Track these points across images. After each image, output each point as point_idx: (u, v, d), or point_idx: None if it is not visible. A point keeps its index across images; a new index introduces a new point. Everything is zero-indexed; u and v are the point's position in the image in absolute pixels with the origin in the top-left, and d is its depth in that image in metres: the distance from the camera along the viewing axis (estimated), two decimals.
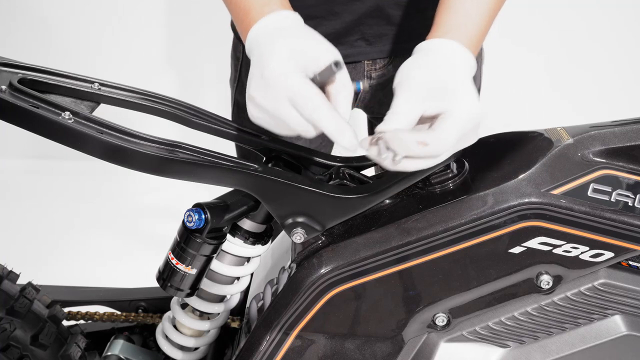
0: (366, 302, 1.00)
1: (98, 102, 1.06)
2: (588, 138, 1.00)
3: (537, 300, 1.01)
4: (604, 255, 0.98)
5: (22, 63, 1.04)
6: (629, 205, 0.97)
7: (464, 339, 1.03)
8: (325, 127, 0.87)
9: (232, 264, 1.10)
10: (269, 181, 0.98)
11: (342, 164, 1.11)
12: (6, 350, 1.17)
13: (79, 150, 0.95)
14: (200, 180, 0.97)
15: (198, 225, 1.00)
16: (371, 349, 1.03)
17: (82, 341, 1.28)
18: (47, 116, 0.93)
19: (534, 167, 0.99)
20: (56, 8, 3.35)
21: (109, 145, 0.93)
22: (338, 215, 1.01)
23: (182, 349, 1.18)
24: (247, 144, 1.12)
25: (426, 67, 0.94)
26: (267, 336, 1.02)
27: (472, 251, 0.97)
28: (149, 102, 1.10)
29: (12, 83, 0.97)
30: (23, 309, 1.19)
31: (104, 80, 1.08)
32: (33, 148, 3.51)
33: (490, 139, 1.15)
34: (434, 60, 0.95)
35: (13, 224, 2.94)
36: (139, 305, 1.42)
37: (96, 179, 3.29)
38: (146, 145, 0.95)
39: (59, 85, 1.03)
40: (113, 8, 3.37)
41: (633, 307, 1.01)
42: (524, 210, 0.96)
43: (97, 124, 0.95)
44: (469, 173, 1.04)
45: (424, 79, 0.91)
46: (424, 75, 0.92)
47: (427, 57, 0.96)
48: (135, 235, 2.89)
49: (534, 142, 1.06)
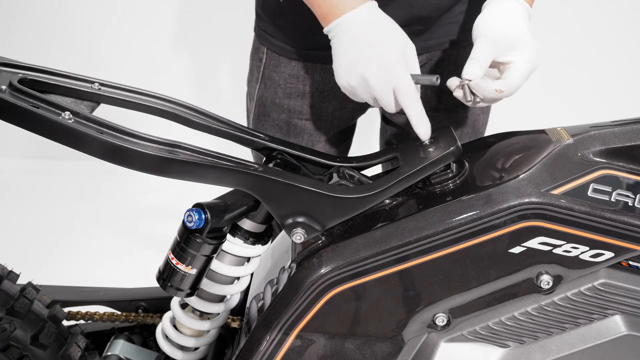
0: (366, 302, 1.00)
1: (98, 102, 1.06)
2: (588, 138, 1.00)
3: (537, 300, 1.01)
4: (604, 255, 0.98)
5: (22, 63, 1.04)
6: (629, 205, 0.97)
7: (464, 339, 1.03)
8: (412, 117, 1.06)
9: (232, 264, 1.10)
10: (269, 181, 0.98)
11: (342, 164, 1.11)
12: (6, 350, 1.17)
13: (79, 150, 0.95)
14: (200, 180, 0.97)
15: (198, 225, 1.00)
16: (371, 349, 1.03)
17: (82, 341, 1.28)
18: (47, 116, 0.93)
19: (534, 167, 0.98)
20: (56, 7, 3.35)
21: (109, 145, 0.94)
22: (338, 215, 1.01)
23: (182, 349, 1.18)
24: (247, 144, 1.12)
25: (501, 19, 1.11)
26: (267, 336, 1.02)
27: (472, 251, 0.97)
28: (149, 102, 1.10)
29: (12, 83, 0.97)
30: (23, 309, 1.19)
31: (104, 80, 1.08)
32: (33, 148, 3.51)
33: (490, 139, 1.15)
34: (506, 13, 1.12)
35: (13, 224, 2.93)
36: (139, 305, 1.42)
37: (96, 179, 3.28)
38: (146, 145, 0.95)
39: (59, 85, 1.03)
40: (113, 8, 3.37)
41: (633, 307, 1.01)
42: (524, 210, 0.96)
43: (97, 124, 0.95)
44: (469, 173, 1.04)
45: (500, 31, 1.09)
46: (499, 26, 1.10)
47: (500, 9, 1.12)
48: (135, 235, 2.89)
49: (534, 142, 1.06)
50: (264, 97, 1.44)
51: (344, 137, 1.53)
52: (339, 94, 1.38)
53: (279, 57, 1.40)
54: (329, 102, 1.40)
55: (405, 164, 1.04)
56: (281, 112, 1.42)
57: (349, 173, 1.08)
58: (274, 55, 1.40)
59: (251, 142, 1.12)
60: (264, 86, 1.43)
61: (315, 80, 1.38)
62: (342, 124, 1.46)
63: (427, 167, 1.01)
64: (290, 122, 1.43)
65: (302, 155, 1.12)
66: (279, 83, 1.41)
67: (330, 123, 1.44)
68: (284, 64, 1.40)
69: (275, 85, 1.41)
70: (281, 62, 1.40)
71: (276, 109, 1.43)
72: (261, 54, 1.44)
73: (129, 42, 3.43)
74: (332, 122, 1.44)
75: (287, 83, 1.40)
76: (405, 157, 1.06)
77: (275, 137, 1.13)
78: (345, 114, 1.43)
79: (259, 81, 1.45)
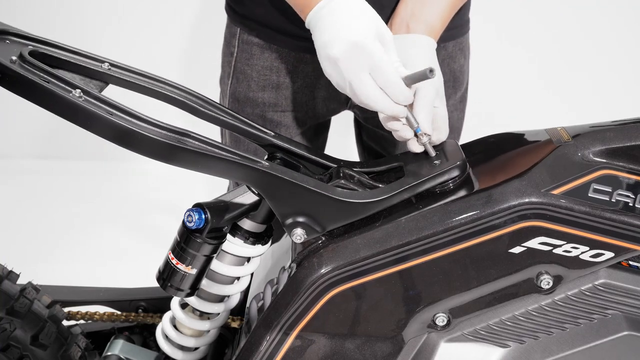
0: (366, 302, 1.00)
1: (107, 82, 1.04)
2: (588, 138, 1.00)
3: (538, 300, 1.01)
4: (604, 255, 0.98)
5: (33, 35, 1.03)
6: (629, 205, 0.97)
7: (464, 339, 1.03)
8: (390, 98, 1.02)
9: (232, 264, 1.10)
10: (275, 178, 0.98)
11: (342, 165, 1.11)
12: (6, 350, 1.17)
13: (87, 130, 0.93)
14: (206, 171, 0.97)
15: (198, 225, 1.00)
16: (371, 349, 1.03)
17: (82, 341, 1.28)
18: (58, 92, 0.92)
19: (534, 167, 0.98)
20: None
21: (119, 127, 0.92)
22: (339, 218, 1.01)
23: (182, 349, 1.18)
24: (253, 139, 1.12)
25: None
26: (267, 336, 1.02)
27: (472, 251, 0.97)
28: (158, 87, 1.08)
29: (22, 54, 0.95)
30: (23, 309, 1.19)
31: (115, 61, 1.07)
32: (33, 148, 3.51)
33: (490, 139, 1.15)
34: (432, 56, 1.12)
35: (13, 224, 2.93)
36: (139, 305, 1.42)
37: (96, 179, 3.29)
38: (156, 131, 0.94)
39: (69, 62, 1.02)
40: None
41: (633, 307, 1.01)
42: (524, 210, 0.96)
43: (107, 104, 0.94)
44: (469, 173, 1.04)
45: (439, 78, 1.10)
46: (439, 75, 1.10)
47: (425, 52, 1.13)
48: (135, 235, 2.89)
49: (534, 142, 1.06)
50: (237, 92, 1.43)
51: (319, 132, 1.53)
52: (312, 84, 1.38)
53: (251, 49, 1.39)
54: (302, 92, 1.41)
55: (409, 173, 1.04)
56: (255, 106, 1.42)
57: (349, 173, 1.08)
58: (246, 47, 1.40)
59: (257, 137, 1.11)
60: (236, 81, 1.43)
61: (289, 70, 1.38)
62: (318, 115, 1.45)
63: (431, 179, 1.01)
64: (265, 115, 1.42)
65: (305, 155, 1.11)
66: (252, 76, 1.40)
67: (305, 114, 1.43)
68: (256, 56, 1.39)
69: (248, 78, 1.41)
70: (253, 54, 1.39)
71: (250, 103, 1.42)
72: (232, 48, 1.43)
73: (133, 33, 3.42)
74: (307, 113, 1.43)
75: (261, 75, 1.40)
76: (410, 167, 1.05)
77: (281, 135, 1.13)
78: (318, 104, 1.43)
79: (231, 76, 1.44)
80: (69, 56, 1.03)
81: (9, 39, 1.01)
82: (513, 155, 1.07)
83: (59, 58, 1.01)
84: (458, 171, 1.02)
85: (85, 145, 3.18)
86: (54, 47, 1.03)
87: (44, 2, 3.35)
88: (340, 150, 1.61)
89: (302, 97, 1.41)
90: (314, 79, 1.39)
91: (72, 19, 3.36)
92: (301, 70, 1.38)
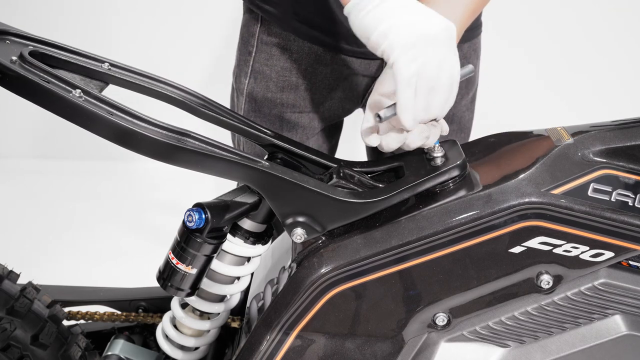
0: (366, 302, 1.00)
1: (107, 82, 1.05)
2: (588, 138, 1.00)
3: (538, 300, 1.01)
4: (604, 255, 0.98)
5: (33, 35, 1.03)
6: (629, 205, 0.97)
7: (464, 338, 1.03)
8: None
9: (232, 264, 1.10)
10: (275, 178, 0.98)
11: (342, 165, 1.11)
12: (6, 350, 1.17)
13: (87, 130, 0.93)
14: (206, 171, 0.97)
15: (198, 224, 1.00)
16: (371, 349, 1.03)
17: (82, 341, 1.28)
18: (58, 92, 0.92)
19: (534, 167, 0.99)
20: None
21: (119, 127, 0.93)
22: (340, 218, 1.01)
23: (182, 349, 1.18)
24: (254, 139, 1.12)
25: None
26: (267, 336, 1.02)
27: (472, 251, 0.97)
28: (158, 87, 1.09)
29: (23, 55, 0.96)
30: (23, 309, 1.19)
31: (114, 61, 1.07)
32: (33, 148, 3.51)
33: (490, 139, 1.15)
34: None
35: (13, 224, 2.94)
36: (139, 305, 1.42)
37: (96, 179, 3.29)
38: (156, 131, 0.94)
39: (69, 62, 1.02)
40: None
41: (633, 307, 1.02)
42: (524, 210, 0.96)
43: (107, 104, 0.94)
44: (469, 173, 1.04)
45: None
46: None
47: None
48: (135, 235, 2.89)
49: (534, 142, 1.06)
50: (254, 92, 1.43)
51: (333, 133, 1.53)
52: (330, 85, 1.39)
53: (270, 50, 1.39)
54: (320, 93, 1.41)
55: (410, 173, 1.04)
56: (273, 107, 1.42)
57: (349, 173, 1.08)
58: (265, 48, 1.40)
59: (257, 137, 1.12)
60: (254, 80, 1.42)
61: (308, 72, 1.38)
62: (334, 116, 1.46)
63: (432, 179, 1.02)
64: (283, 116, 1.42)
65: (305, 155, 1.11)
66: (271, 77, 1.40)
67: (322, 115, 1.44)
68: (275, 57, 1.39)
69: (266, 79, 1.41)
70: (273, 54, 1.39)
71: (268, 104, 1.42)
72: (250, 47, 1.43)
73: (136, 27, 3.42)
74: (323, 114, 1.44)
75: (280, 76, 1.39)
76: (410, 167, 1.06)
77: (281, 135, 1.13)
78: (335, 104, 1.43)
79: (248, 75, 1.44)
80: (69, 56, 1.03)
81: (9, 39, 1.01)
82: (513, 155, 1.07)
83: (59, 58, 1.02)
84: (458, 171, 1.02)
85: (85, 145, 3.18)
86: (54, 47, 1.04)
87: (44, 2, 3.35)
88: (349, 150, 1.61)
89: (320, 98, 1.41)
90: (332, 80, 1.39)
91: (72, 19, 3.37)
92: (320, 72, 1.38)
